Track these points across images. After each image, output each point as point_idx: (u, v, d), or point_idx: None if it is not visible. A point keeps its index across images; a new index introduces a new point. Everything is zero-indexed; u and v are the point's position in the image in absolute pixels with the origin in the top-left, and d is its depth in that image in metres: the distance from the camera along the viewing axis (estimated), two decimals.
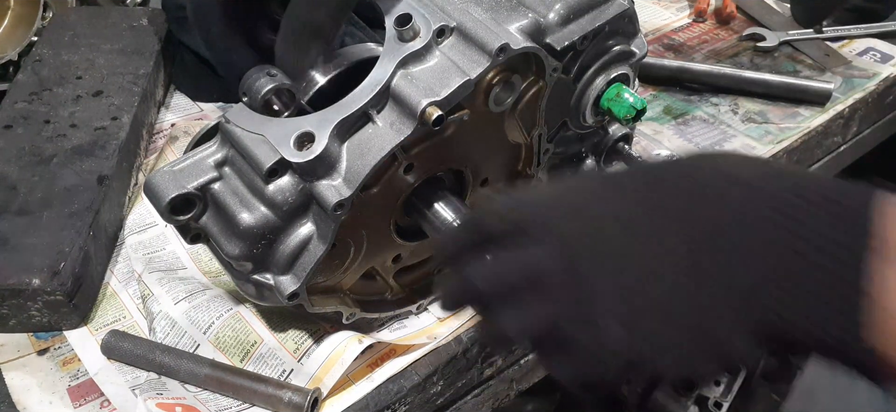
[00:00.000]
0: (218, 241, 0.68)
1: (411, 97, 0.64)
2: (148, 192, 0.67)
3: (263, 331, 0.78)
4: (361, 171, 0.64)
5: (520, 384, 0.90)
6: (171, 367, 0.75)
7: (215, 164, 0.68)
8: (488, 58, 0.66)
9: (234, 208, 0.66)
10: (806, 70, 1.26)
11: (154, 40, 1.10)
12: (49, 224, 0.81)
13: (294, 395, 0.71)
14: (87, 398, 0.74)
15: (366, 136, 0.65)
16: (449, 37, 0.68)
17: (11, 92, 1.00)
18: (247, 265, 0.68)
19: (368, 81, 0.66)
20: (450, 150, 0.72)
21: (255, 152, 0.65)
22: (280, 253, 0.67)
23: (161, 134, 1.08)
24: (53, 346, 0.79)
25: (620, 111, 0.79)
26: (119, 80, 1.02)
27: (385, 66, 0.66)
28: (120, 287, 0.85)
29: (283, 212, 0.66)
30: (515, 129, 0.77)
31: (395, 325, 0.82)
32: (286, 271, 0.68)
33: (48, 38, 1.10)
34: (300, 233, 0.67)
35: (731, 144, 1.10)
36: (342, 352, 0.74)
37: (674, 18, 1.40)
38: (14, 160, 0.89)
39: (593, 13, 0.76)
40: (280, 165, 0.64)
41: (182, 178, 0.67)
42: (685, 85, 1.22)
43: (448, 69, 0.66)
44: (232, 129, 0.67)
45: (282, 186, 0.65)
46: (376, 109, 0.66)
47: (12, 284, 0.76)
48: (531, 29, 0.73)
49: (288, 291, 0.68)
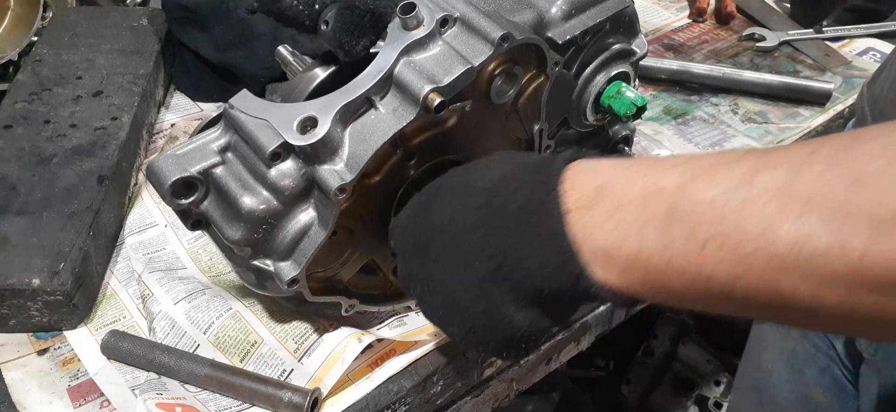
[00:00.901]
0: (219, 226, 0.68)
1: (414, 84, 0.65)
2: (150, 175, 0.67)
3: (263, 330, 0.78)
4: (363, 155, 0.64)
5: (520, 384, 0.89)
6: (170, 367, 0.74)
7: (218, 150, 0.68)
8: (491, 47, 0.66)
9: (236, 192, 0.66)
10: (806, 70, 1.26)
11: (154, 40, 1.10)
12: (49, 224, 0.81)
13: (294, 395, 0.71)
14: (86, 398, 0.74)
15: (368, 121, 0.66)
16: (452, 26, 0.68)
17: (11, 92, 1.00)
18: (247, 250, 0.68)
19: (372, 68, 0.66)
20: (451, 142, 0.72)
21: (259, 136, 0.65)
22: (281, 238, 0.68)
23: (161, 134, 1.08)
24: (53, 346, 0.79)
25: (621, 108, 0.79)
26: (119, 80, 1.02)
27: (388, 53, 0.66)
28: (120, 287, 0.85)
29: (284, 196, 0.66)
30: (517, 124, 0.77)
31: (395, 323, 0.82)
32: (286, 257, 0.68)
33: (48, 38, 1.10)
34: (301, 218, 0.67)
35: (731, 144, 1.10)
36: (342, 351, 0.74)
37: (674, 18, 1.40)
38: (14, 160, 0.89)
39: (595, 9, 0.77)
40: (283, 149, 0.65)
41: (185, 161, 0.67)
42: (685, 85, 1.22)
43: (451, 57, 0.66)
44: (235, 114, 0.67)
45: (284, 170, 0.65)
46: (379, 95, 0.66)
47: (12, 284, 0.76)
48: (534, 22, 0.74)
49: (288, 277, 0.68)
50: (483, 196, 0.54)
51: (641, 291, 0.48)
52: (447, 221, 0.55)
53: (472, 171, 0.58)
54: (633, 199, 0.47)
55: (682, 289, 0.46)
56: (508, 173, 0.54)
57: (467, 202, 0.55)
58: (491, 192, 0.53)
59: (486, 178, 0.55)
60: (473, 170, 0.58)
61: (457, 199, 0.56)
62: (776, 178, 0.42)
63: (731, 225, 0.42)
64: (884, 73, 0.89)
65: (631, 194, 0.47)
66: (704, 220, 0.44)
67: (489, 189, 0.54)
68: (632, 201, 0.47)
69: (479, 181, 0.55)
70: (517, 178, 0.53)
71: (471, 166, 0.60)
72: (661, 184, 0.46)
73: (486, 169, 0.57)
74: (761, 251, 0.41)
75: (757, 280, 0.42)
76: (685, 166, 0.46)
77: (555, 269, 0.49)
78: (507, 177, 0.54)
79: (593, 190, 0.49)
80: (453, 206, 0.55)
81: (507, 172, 0.54)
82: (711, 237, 0.43)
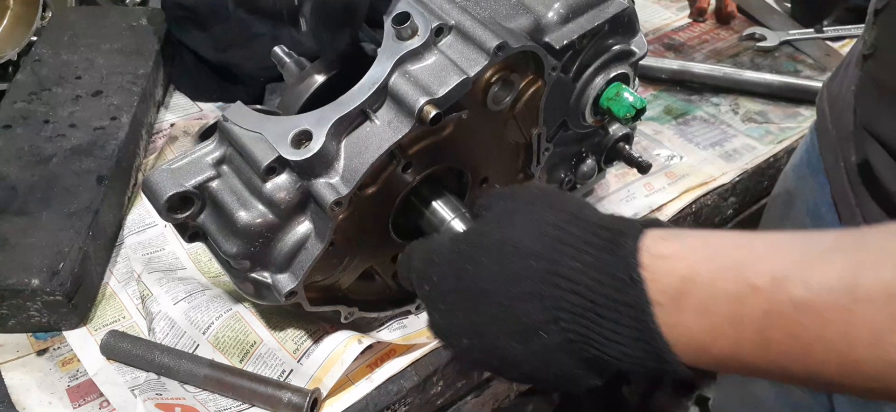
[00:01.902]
0: (216, 240, 0.68)
1: (409, 96, 0.64)
2: (146, 190, 0.67)
3: (263, 331, 0.78)
4: (359, 169, 0.64)
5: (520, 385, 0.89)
6: (170, 368, 0.74)
7: (213, 163, 0.68)
8: (486, 56, 0.66)
9: (232, 206, 0.66)
10: (806, 70, 1.26)
11: (153, 40, 1.10)
12: (48, 224, 0.81)
13: (293, 396, 0.71)
14: (86, 398, 0.74)
15: (364, 134, 0.65)
16: (447, 35, 0.68)
17: (11, 92, 1.00)
18: (245, 263, 0.68)
19: (366, 80, 0.65)
20: (448, 150, 0.72)
21: (253, 150, 0.65)
22: (278, 251, 0.67)
23: (160, 134, 1.08)
24: (53, 347, 0.79)
25: (620, 110, 0.79)
26: (118, 80, 1.02)
27: (383, 64, 0.65)
28: (119, 287, 0.85)
29: (280, 210, 0.66)
30: (514, 129, 0.77)
31: (395, 325, 0.82)
32: (284, 269, 0.68)
33: (47, 38, 1.10)
34: (298, 231, 0.67)
35: (732, 144, 1.10)
36: (342, 352, 0.74)
37: (674, 18, 1.40)
38: (13, 160, 0.89)
39: (593, 12, 0.76)
40: (278, 163, 0.64)
41: (180, 176, 0.67)
42: (685, 85, 1.22)
43: (446, 68, 0.66)
44: (230, 127, 0.67)
45: (279, 184, 0.65)
46: (374, 108, 0.66)
47: (12, 284, 0.76)
48: (530, 28, 0.73)
49: (286, 289, 0.68)
50: (540, 263, 0.52)
51: (732, 371, 0.49)
52: (501, 283, 0.53)
53: (513, 226, 0.55)
54: (723, 296, 0.46)
55: (783, 379, 0.46)
56: (563, 238, 0.52)
57: (521, 266, 0.52)
58: (548, 259, 0.51)
59: (534, 239, 0.53)
60: (512, 224, 0.55)
61: (507, 260, 0.53)
62: (881, 281, 0.41)
63: (836, 331, 0.42)
64: (840, 73, 0.89)
65: (721, 290, 0.46)
66: (807, 324, 0.43)
67: (544, 254, 0.52)
68: (723, 298, 0.46)
69: (527, 241, 0.53)
70: (576, 247, 0.51)
71: (506, 217, 0.56)
72: (753, 281, 0.45)
73: (528, 224, 0.54)
74: (874, 359, 0.41)
75: (866, 380, 0.42)
76: (773, 258, 0.45)
77: (641, 358, 0.49)
78: (563, 241, 0.52)
79: (678, 281, 0.47)
80: (505, 269, 0.53)
81: (561, 237, 0.52)
82: (816, 340, 0.43)
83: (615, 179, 1.03)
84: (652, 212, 0.98)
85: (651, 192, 1.01)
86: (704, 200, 1.02)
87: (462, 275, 0.55)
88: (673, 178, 1.04)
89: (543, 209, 0.55)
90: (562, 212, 0.54)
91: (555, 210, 0.54)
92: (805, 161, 0.95)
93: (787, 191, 0.99)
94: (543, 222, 0.54)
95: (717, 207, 1.04)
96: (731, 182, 1.04)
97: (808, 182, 0.93)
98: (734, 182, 1.05)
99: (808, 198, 0.93)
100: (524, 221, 0.55)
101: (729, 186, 1.04)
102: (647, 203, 0.99)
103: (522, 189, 0.60)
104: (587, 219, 0.53)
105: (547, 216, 0.54)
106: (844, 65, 0.89)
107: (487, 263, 0.54)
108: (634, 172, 0.92)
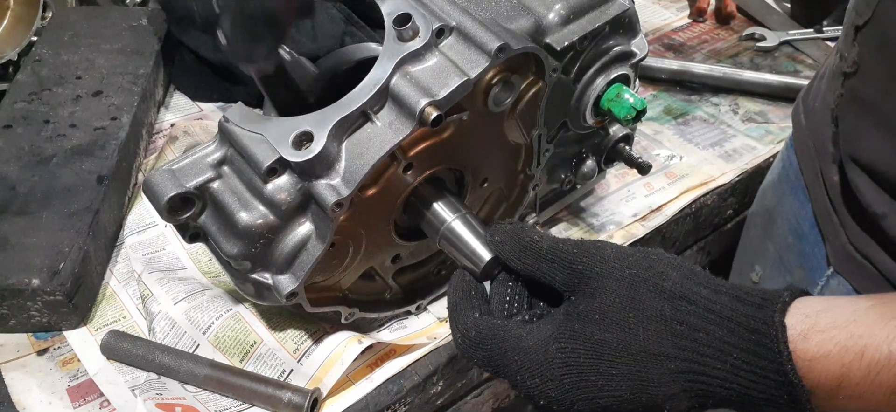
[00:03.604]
0: (217, 240, 0.68)
1: (410, 97, 0.64)
2: (147, 191, 0.67)
3: (263, 331, 0.78)
4: (360, 170, 0.64)
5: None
6: (170, 368, 0.75)
7: (214, 163, 0.68)
8: (487, 58, 0.66)
9: (233, 207, 0.66)
10: (806, 70, 1.26)
11: (154, 40, 1.10)
12: (48, 224, 0.81)
13: (294, 396, 0.71)
14: (86, 398, 0.74)
15: (364, 135, 0.65)
16: (448, 37, 0.68)
17: (11, 92, 1.00)
18: (245, 264, 0.68)
19: (367, 81, 0.66)
20: (449, 151, 0.72)
21: (254, 151, 0.65)
22: (278, 252, 0.67)
23: (161, 134, 1.08)
24: (53, 347, 0.79)
25: (620, 112, 0.79)
26: (118, 80, 1.02)
27: (384, 65, 0.66)
28: (119, 287, 0.85)
29: (281, 211, 0.66)
30: (515, 130, 0.77)
31: (395, 326, 0.82)
32: (285, 270, 0.68)
33: (48, 38, 1.10)
34: (299, 232, 0.67)
35: (731, 144, 1.10)
36: (342, 352, 0.74)
37: (674, 18, 1.40)
38: (14, 160, 0.89)
39: (593, 13, 0.76)
40: (279, 164, 0.64)
41: (181, 176, 0.67)
42: (685, 85, 1.22)
43: (447, 69, 0.66)
44: (231, 128, 0.67)
45: (280, 185, 0.65)
46: (375, 109, 0.66)
47: (12, 284, 0.76)
48: (531, 29, 0.73)
49: (286, 290, 0.68)
50: (675, 364, 0.51)
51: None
52: (638, 392, 0.52)
53: (629, 328, 0.52)
54: (882, 390, 0.48)
55: None
56: (697, 337, 0.51)
57: (657, 373, 0.51)
58: (685, 360, 0.50)
59: (661, 339, 0.51)
60: (626, 325, 0.52)
61: (640, 366, 0.52)
62: None
63: None
64: (814, 86, 0.88)
65: (877, 385, 0.48)
66: None
67: (680, 356, 0.51)
68: (881, 391, 0.48)
69: (655, 344, 0.51)
70: (716, 348, 0.50)
71: (613, 313, 0.53)
72: None
73: (648, 321, 0.52)
74: None
75: None
76: None
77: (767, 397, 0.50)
78: (697, 341, 0.51)
79: (833, 381, 0.49)
80: (640, 375, 0.51)
81: (695, 336, 0.51)
82: None
83: (615, 179, 1.03)
84: (652, 212, 0.98)
85: (651, 192, 1.01)
86: (704, 200, 1.02)
87: (586, 385, 0.52)
88: (673, 178, 1.04)
89: (654, 298, 0.52)
90: (679, 300, 0.52)
91: (666, 297, 0.52)
92: (783, 178, 0.94)
93: (767, 209, 0.97)
94: (665, 317, 0.52)
95: (717, 207, 1.05)
96: (731, 182, 1.05)
97: (788, 200, 0.91)
98: (734, 182, 1.05)
99: (788, 216, 0.91)
100: (640, 319, 0.52)
101: (728, 186, 1.04)
102: (647, 203, 1.00)
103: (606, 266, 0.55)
104: (708, 309, 0.51)
105: (665, 309, 0.52)
106: (818, 78, 0.88)
107: (616, 375, 0.52)
108: (634, 172, 0.92)
